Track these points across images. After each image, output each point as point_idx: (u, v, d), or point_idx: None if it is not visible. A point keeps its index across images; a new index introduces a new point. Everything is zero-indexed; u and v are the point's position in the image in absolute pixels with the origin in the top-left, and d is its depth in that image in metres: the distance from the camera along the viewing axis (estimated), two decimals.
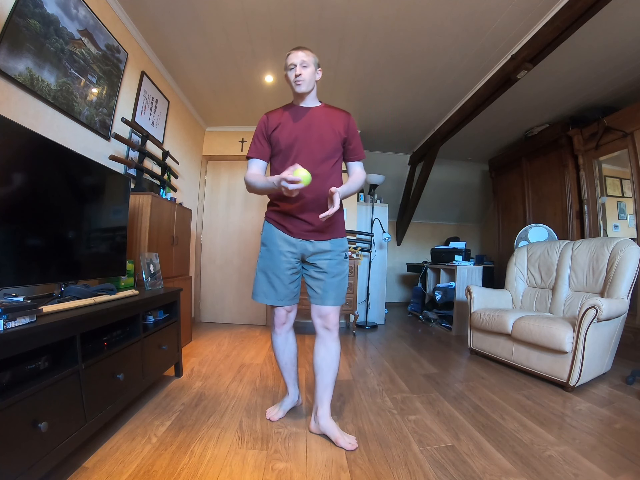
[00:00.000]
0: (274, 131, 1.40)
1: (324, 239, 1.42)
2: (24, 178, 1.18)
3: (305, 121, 1.40)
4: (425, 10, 2.11)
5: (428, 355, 2.71)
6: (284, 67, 1.42)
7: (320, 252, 1.41)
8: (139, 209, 2.12)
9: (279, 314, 1.49)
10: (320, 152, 1.38)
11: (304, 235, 1.40)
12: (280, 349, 1.54)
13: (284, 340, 1.54)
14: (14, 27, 1.43)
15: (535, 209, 3.94)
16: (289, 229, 1.40)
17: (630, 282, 2.12)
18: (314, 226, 1.39)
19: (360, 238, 4.01)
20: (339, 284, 1.44)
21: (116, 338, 1.44)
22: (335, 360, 1.43)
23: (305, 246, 1.41)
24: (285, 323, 1.51)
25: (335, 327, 1.45)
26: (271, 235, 1.44)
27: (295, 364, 1.58)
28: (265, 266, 1.44)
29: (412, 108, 3.48)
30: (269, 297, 1.44)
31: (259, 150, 1.44)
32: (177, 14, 2.20)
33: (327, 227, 1.41)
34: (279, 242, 1.42)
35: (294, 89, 1.39)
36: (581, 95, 3.08)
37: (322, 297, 1.42)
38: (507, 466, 1.20)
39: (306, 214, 1.38)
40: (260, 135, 1.43)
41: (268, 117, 1.43)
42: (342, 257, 1.46)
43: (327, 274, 1.42)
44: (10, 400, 0.84)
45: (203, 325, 3.62)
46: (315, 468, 1.18)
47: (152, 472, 1.12)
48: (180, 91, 3.23)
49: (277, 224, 1.43)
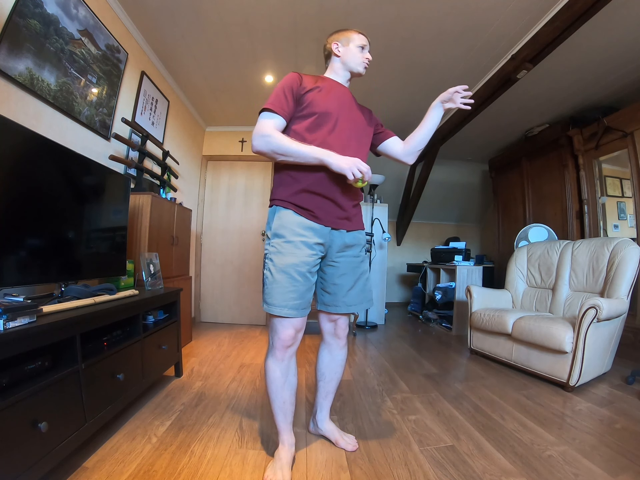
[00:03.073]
0: (309, 92, 1.18)
1: (353, 228, 1.25)
2: (24, 178, 1.18)
3: (347, 98, 1.27)
4: (425, 10, 2.11)
5: (428, 355, 2.71)
6: (345, 37, 1.28)
7: (347, 246, 1.23)
8: (139, 209, 2.12)
9: (287, 332, 1.13)
10: (362, 132, 1.28)
11: (336, 222, 1.19)
12: (279, 381, 1.16)
13: (285, 370, 1.16)
14: (14, 27, 1.43)
15: (535, 209, 3.94)
16: (316, 214, 1.15)
17: (630, 282, 2.12)
18: (347, 212, 1.21)
19: None
20: (365, 283, 1.28)
21: (116, 338, 1.44)
22: (340, 369, 1.34)
23: (333, 237, 1.20)
24: (293, 345, 1.16)
25: (344, 334, 1.32)
26: (291, 222, 1.14)
27: (294, 403, 1.22)
28: (286, 264, 1.10)
29: (412, 108, 3.48)
30: (294, 306, 1.10)
31: (283, 106, 1.15)
32: (177, 14, 2.20)
33: (355, 216, 1.25)
34: (303, 232, 1.13)
35: (355, 67, 1.27)
36: (581, 95, 3.08)
37: (350, 303, 1.24)
38: (507, 466, 1.20)
39: (339, 197, 1.17)
40: (289, 91, 1.16)
41: (301, 75, 1.22)
42: (364, 252, 1.31)
43: (354, 274, 1.24)
44: (10, 400, 0.84)
45: (203, 325, 3.61)
46: (315, 468, 1.18)
47: (152, 472, 1.12)
48: (180, 91, 3.23)
49: (300, 208, 1.15)
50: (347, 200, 1.20)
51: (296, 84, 1.18)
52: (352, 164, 1.06)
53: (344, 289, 1.24)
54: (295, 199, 1.16)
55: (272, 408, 1.19)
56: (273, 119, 1.14)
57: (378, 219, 4.02)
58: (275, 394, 1.17)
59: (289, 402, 1.19)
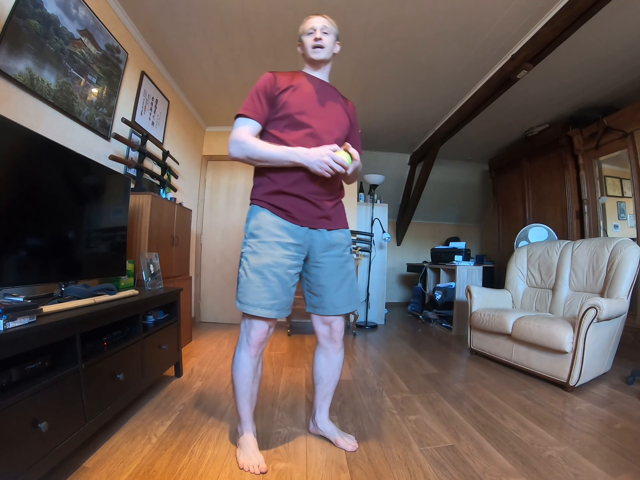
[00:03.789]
0: (283, 92, 1.17)
1: (334, 227, 1.23)
2: (24, 178, 1.18)
3: (321, 93, 1.22)
4: (425, 10, 2.11)
5: (428, 355, 2.71)
6: (299, 33, 1.26)
7: (330, 245, 1.22)
8: (139, 209, 2.12)
9: (260, 330, 1.16)
10: (337, 130, 1.23)
11: (313, 222, 1.18)
12: (250, 376, 1.20)
13: (256, 365, 1.21)
14: (14, 27, 1.43)
15: (535, 209, 3.94)
16: (293, 214, 1.15)
17: (630, 282, 2.12)
18: (324, 212, 1.19)
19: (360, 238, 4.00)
20: (352, 283, 1.26)
21: (116, 338, 1.44)
22: (337, 371, 1.33)
23: (313, 237, 1.20)
24: (265, 341, 1.20)
25: (340, 337, 1.30)
26: (267, 223, 1.15)
27: (257, 394, 1.27)
28: (260, 264, 1.12)
29: (412, 108, 3.48)
30: (267, 306, 1.12)
31: (257, 111, 1.16)
32: (177, 14, 2.20)
33: (335, 214, 1.24)
34: (278, 232, 1.14)
35: (309, 55, 1.22)
36: (581, 95, 3.08)
37: (337, 305, 1.23)
38: (507, 466, 1.20)
39: (316, 197, 1.16)
40: (262, 93, 1.17)
41: (275, 76, 1.20)
42: (350, 251, 1.29)
43: (340, 274, 1.23)
44: (10, 400, 0.84)
45: (203, 325, 3.61)
46: (315, 468, 1.18)
47: (152, 472, 1.11)
48: (180, 91, 3.23)
49: (276, 208, 1.16)
50: (325, 200, 1.19)
51: (270, 86, 1.18)
52: (318, 158, 1.06)
53: (331, 290, 1.23)
54: (271, 199, 1.16)
55: (239, 400, 1.23)
56: (247, 125, 1.16)
57: (378, 219, 4.02)
58: (245, 388, 1.21)
59: (255, 395, 1.25)
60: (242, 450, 1.21)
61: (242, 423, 1.26)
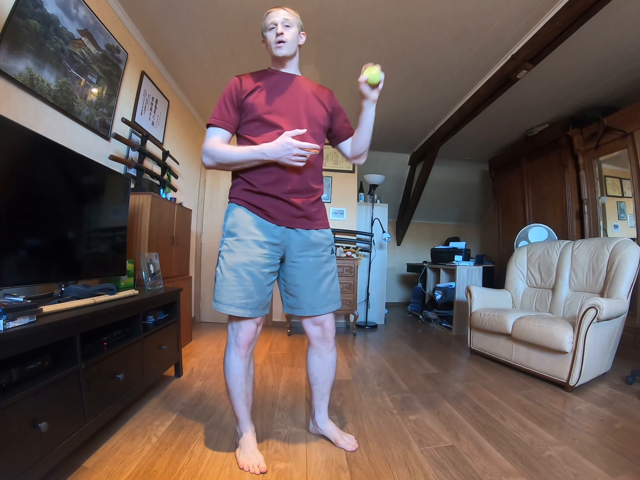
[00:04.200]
0: (248, 96, 1.16)
1: (313, 227, 1.21)
2: (24, 178, 1.18)
3: (289, 89, 1.20)
4: (426, 10, 2.11)
5: (428, 355, 2.71)
6: (261, 29, 1.24)
7: (308, 245, 1.20)
8: (139, 209, 2.12)
9: (248, 329, 1.16)
10: (309, 123, 1.19)
11: (291, 221, 1.17)
12: (243, 377, 1.19)
13: (247, 365, 1.20)
14: (14, 27, 1.43)
15: (535, 209, 3.94)
16: (270, 213, 1.15)
17: (630, 282, 2.12)
18: (303, 211, 1.18)
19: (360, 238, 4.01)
20: (330, 284, 1.25)
21: (116, 338, 1.44)
22: (332, 369, 1.33)
23: (290, 236, 1.18)
24: (253, 341, 1.20)
25: (332, 335, 1.29)
26: (243, 221, 1.15)
27: (253, 392, 1.27)
28: (235, 263, 1.12)
29: (412, 108, 3.48)
30: (241, 305, 1.11)
31: (225, 118, 1.17)
32: (177, 14, 2.20)
33: (315, 213, 1.22)
34: (255, 230, 1.14)
35: (273, 52, 1.21)
36: (581, 95, 3.08)
37: (314, 305, 1.22)
38: (507, 466, 1.20)
39: (293, 195, 1.15)
40: (229, 100, 1.17)
41: (241, 79, 1.19)
42: (330, 251, 1.27)
43: (316, 275, 1.21)
44: (10, 400, 0.84)
45: (203, 325, 3.61)
46: (315, 468, 1.18)
47: (152, 472, 1.12)
48: (180, 91, 3.23)
49: (253, 207, 1.15)
50: (303, 198, 1.18)
51: (235, 90, 1.17)
52: (286, 152, 1.06)
53: (307, 291, 1.22)
54: (248, 197, 1.17)
55: (234, 402, 1.22)
56: (217, 134, 1.17)
57: (378, 219, 4.02)
58: (240, 389, 1.20)
59: (250, 394, 1.24)
60: (242, 450, 1.21)
61: (240, 424, 1.26)
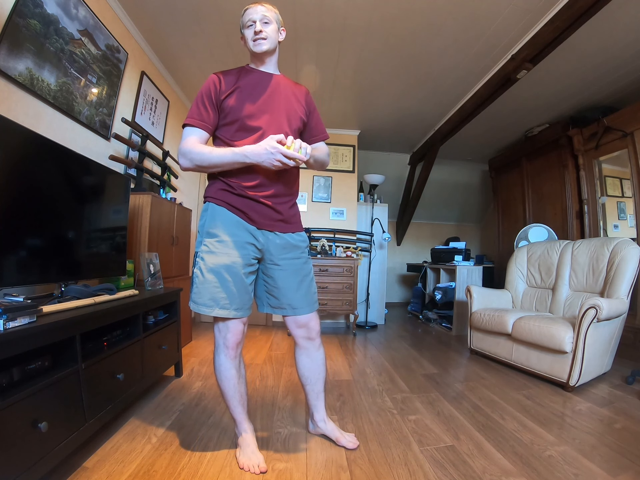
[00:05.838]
0: (229, 95, 1.13)
1: (290, 231, 1.23)
2: (24, 178, 1.18)
3: (270, 89, 1.18)
4: (426, 10, 2.11)
5: (428, 355, 2.71)
6: (240, 27, 1.21)
7: (287, 248, 1.22)
8: (139, 209, 2.12)
9: (235, 330, 1.17)
10: (288, 123, 1.19)
11: (270, 225, 1.18)
12: (235, 378, 1.19)
13: (238, 366, 1.21)
14: (14, 27, 1.43)
15: (535, 209, 3.94)
16: (251, 217, 1.14)
17: (630, 282, 2.12)
18: (282, 215, 1.19)
19: (360, 238, 4.01)
20: (310, 285, 1.27)
21: (116, 338, 1.44)
22: (322, 368, 1.33)
23: (268, 239, 1.18)
24: (241, 341, 1.21)
25: (318, 334, 1.30)
26: (225, 221, 1.13)
27: (247, 392, 1.28)
28: (217, 264, 1.11)
29: (412, 108, 3.48)
30: (225, 306, 1.11)
31: (203, 118, 1.13)
32: (177, 14, 2.20)
33: (292, 217, 1.24)
34: (236, 231, 1.13)
35: (252, 49, 1.17)
36: (581, 95, 3.08)
37: (295, 306, 1.23)
38: (507, 466, 1.20)
39: (274, 200, 1.16)
40: (207, 98, 1.13)
41: (220, 78, 1.15)
42: (307, 253, 1.29)
43: (297, 276, 1.23)
44: (10, 400, 0.84)
45: (203, 325, 3.61)
46: (315, 468, 1.18)
47: (152, 472, 1.12)
48: (180, 91, 3.23)
49: (234, 208, 1.14)
50: (282, 202, 1.19)
51: (214, 90, 1.13)
52: (268, 156, 1.03)
53: (289, 291, 1.22)
54: (230, 198, 1.14)
55: (229, 403, 1.22)
56: (194, 135, 1.12)
57: (378, 219, 4.02)
58: (233, 390, 1.20)
59: (245, 394, 1.24)
60: (242, 450, 1.21)
61: (238, 424, 1.26)
